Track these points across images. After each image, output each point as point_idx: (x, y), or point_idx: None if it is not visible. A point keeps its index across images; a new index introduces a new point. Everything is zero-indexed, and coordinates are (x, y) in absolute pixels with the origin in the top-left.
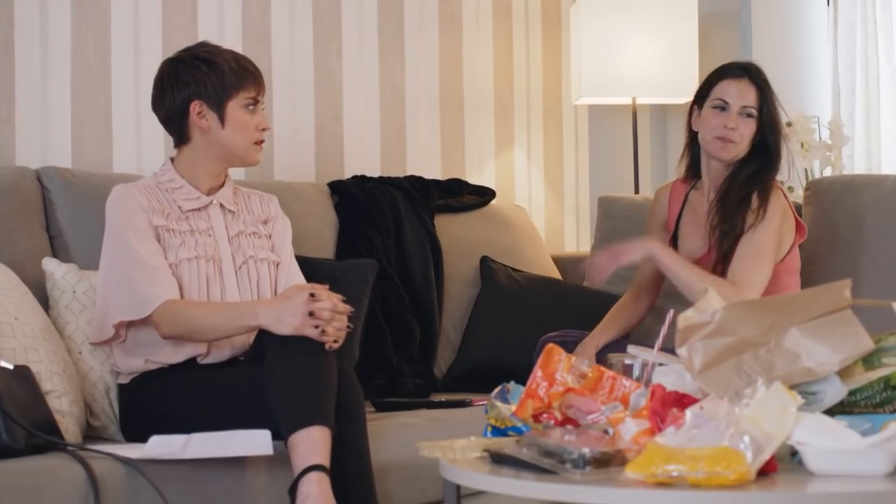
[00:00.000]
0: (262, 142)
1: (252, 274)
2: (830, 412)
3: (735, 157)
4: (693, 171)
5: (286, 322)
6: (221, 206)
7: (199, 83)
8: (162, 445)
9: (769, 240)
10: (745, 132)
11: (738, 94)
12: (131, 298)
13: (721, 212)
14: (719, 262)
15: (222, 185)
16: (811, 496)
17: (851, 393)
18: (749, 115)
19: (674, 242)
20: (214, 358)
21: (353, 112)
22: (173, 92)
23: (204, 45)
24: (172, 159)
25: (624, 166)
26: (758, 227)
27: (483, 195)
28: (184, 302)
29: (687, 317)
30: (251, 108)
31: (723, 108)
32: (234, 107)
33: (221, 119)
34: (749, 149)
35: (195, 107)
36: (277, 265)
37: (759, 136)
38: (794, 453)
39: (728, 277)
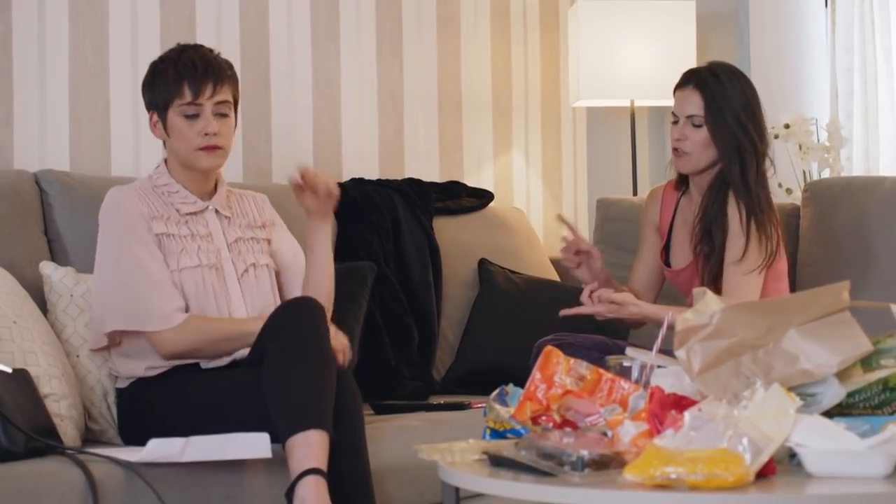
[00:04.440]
0: (209, 147)
1: (253, 281)
2: (829, 414)
3: (693, 169)
4: (683, 178)
5: None
6: (217, 211)
7: (150, 93)
8: (160, 448)
9: (751, 266)
10: (695, 139)
11: (682, 103)
12: (136, 311)
13: (701, 232)
14: (709, 281)
15: (215, 188)
16: (810, 498)
17: (850, 395)
18: (696, 125)
19: (666, 251)
20: (217, 361)
21: (351, 114)
22: (143, 98)
23: (173, 49)
24: (167, 160)
25: (622, 168)
26: (740, 259)
27: (481, 197)
28: (203, 327)
29: (685, 319)
30: (190, 113)
31: (675, 120)
32: (173, 115)
33: (166, 129)
34: (716, 156)
35: (151, 117)
36: (277, 272)
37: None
38: (792, 455)
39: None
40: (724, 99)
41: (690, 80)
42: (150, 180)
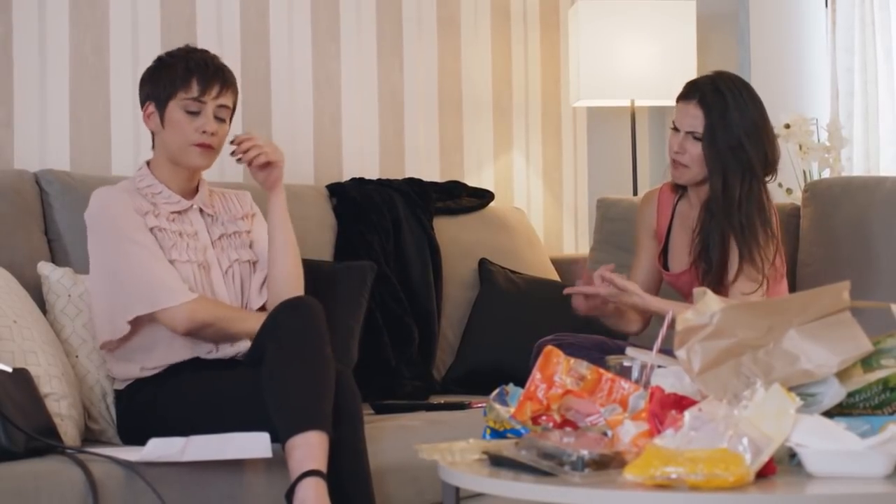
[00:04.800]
0: (203, 145)
1: (237, 277)
2: (829, 414)
3: (691, 181)
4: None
5: None
6: (201, 210)
7: (152, 84)
8: (160, 448)
9: (748, 290)
10: (695, 154)
11: (684, 116)
12: (153, 290)
13: (700, 246)
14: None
15: (197, 188)
16: (810, 498)
17: (850, 395)
18: (695, 138)
19: (664, 255)
20: (222, 353)
21: (351, 114)
22: (140, 91)
23: (181, 48)
24: (149, 162)
25: (622, 168)
26: (742, 279)
27: (481, 197)
28: (216, 303)
29: (686, 319)
30: (192, 109)
31: (676, 129)
32: (174, 107)
33: (162, 119)
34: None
35: (147, 107)
36: (255, 263)
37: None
38: (792, 455)
39: None
40: (725, 119)
41: (694, 94)
42: (133, 182)
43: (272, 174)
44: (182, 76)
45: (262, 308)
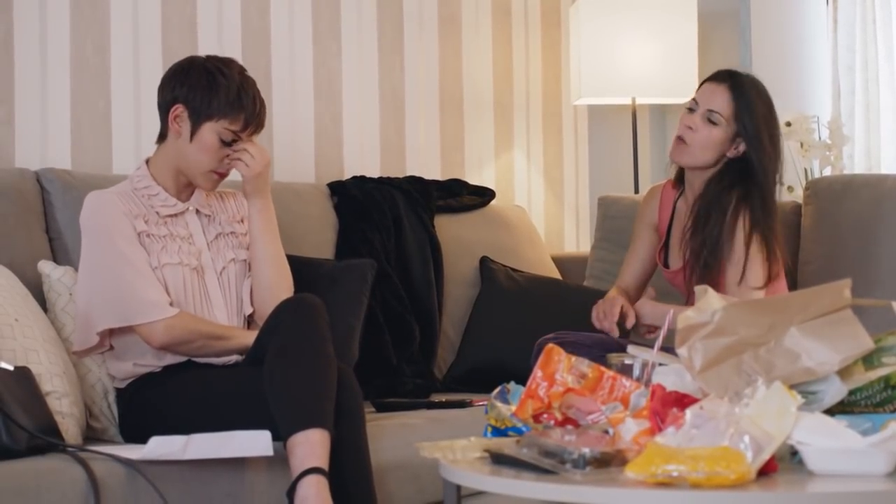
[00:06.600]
0: (222, 174)
1: (232, 277)
2: (830, 412)
3: (689, 163)
4: (681, 177)
5: None
6: (197, 211)
7: (192, 90)
8: (162, 446)
9: (752, 286)
10: (705, 135)
11: (709, 95)
12: (126, 305)
13: (691, 245)
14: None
15: (193, 190)
16: (811, 496)
17: (851, 392)
18: (712, 122)
19: (665, 251)
20: (215, 360)
21: (352, 113)
22: (171, 86)
23: (230, 64)
24: (148, 161)
25: (623, 166)
26: (742, 280)
27: (483, 195)
28: (196, 320)
29: (687, 317)
30: (226, 139)
31: (692, 108)
32: (210, 129)
33: (192, 132)
34: (717, 161)
35: (175, 109)
36: (251, 264)
37: (735, 152)
38: (794, 453)
39: None
40: (753, 107)
41: (727, 78)
42: (130, 183)
43: (246, 181)
44: (234, 106)
45: (251, 315)
